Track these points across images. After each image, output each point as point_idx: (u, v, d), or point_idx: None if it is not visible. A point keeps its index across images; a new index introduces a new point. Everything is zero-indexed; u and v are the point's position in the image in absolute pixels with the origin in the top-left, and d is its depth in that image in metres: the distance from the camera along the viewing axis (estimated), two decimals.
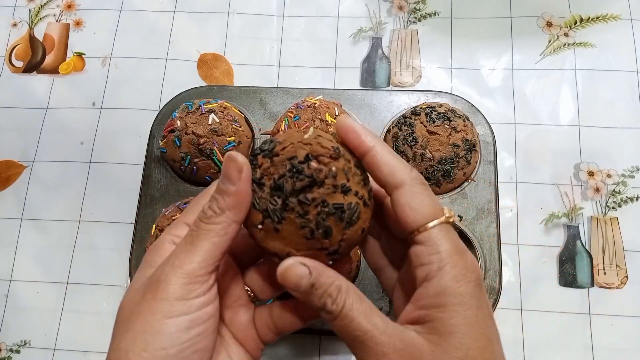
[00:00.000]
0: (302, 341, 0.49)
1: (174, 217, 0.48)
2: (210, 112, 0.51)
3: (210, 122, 0.50)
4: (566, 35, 0.59)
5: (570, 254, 0.51)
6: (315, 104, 0.51)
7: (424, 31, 0.61)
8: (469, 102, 0.55)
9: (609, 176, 0.54)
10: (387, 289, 0.35)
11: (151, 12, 0.63)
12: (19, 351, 0.51)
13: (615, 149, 0.54)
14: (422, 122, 0.50)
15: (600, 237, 0.52)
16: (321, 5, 0.63)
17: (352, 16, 0.62)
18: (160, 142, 0.53)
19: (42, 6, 0.64)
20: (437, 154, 0.49)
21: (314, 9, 0.62)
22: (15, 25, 0.64)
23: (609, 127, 0.55)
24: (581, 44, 0.59)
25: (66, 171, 0.57)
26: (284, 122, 0.51)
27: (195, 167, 0.51)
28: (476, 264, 0.29)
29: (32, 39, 0.63)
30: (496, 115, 0.56)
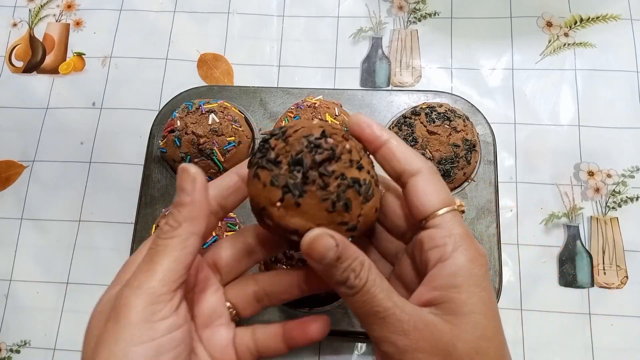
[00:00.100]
0: None
1: None
2: (210, 112, 0.51)
3: (210, 122, 0.50)
4: (566, 35, 0.59)
5: (570, 254, 0.51)
6: (315, 104, 0.51)
7: (424, 31, 0.61)
8: (469, 102, 0.55)
9: (609, 176, 0.54)
10: None
11: (151, 12, 0.63)
12: (19, 351, 0.51)
13: (615, 149, 0.54)
14: (422, 122, 0.50)
15: (600, 237, 0.52)
16: (321, 5, 0.63)
17: (352, 16, 0.62)
18: (160, 142, 0.53)
19: (42, 6, 0.64)
20: (437, 154, 0.49)
21: (314, 9, 0.62)
22: (15, 25, 0.64)
23: (609, 127, 0.55)
24: (581, 44, 0.59)
25: (66, 171, 0.57)
26: (284, 122, 0.51)
27: None
28: (484, 250, 0.30)
29: (32, 39, 0.63)
30: (496, 115, 0.56)
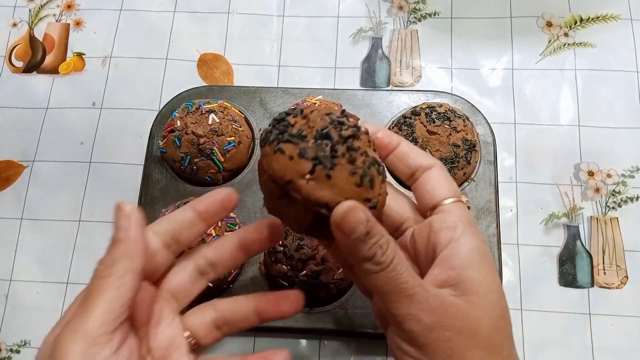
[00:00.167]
0: (302, 341, 0.49)
1: None
2: (210, 112, 0.51)
3: (210, 122, 0.50)
4: (566, 35, 0.59)
5: (570, 254, 0.51)
6: (315, 104, 0.51)
7: (424, 31, 0.61)
8: (469, 102, 0.55)
9: (609, 176, 0.54)
10: (363, 286, 0.35)
11: (151, 12, 0.63)
12: (19, 351, 0.51)
13: (615, 149, 0.54)
14: (422, 122, 0.50)
15: (600, 237, 0.52)
16: (321, 5, 0.63)
17: (352, 16, 0.62)
18: (160, 142, 0.53)
19: (42, 6, 0.64)
20: (437, 154, 0.49)
21: (314, 9, 0.62)
22: (15, 25, 0.64)
23: (609, 127, 0.55)
24: (581, 44, 0.59)
25: (66, 171, 0.57)
26: None
27: (195, 167, 0.51)
28: None
29: (32, 39, 0.63)
30: (496, 115, 0.56)
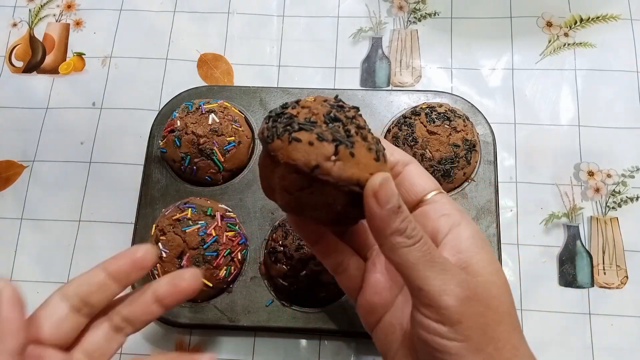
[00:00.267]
0: (302, 341, 0.49)
1: (174, 217, 0.48)
2: (210, 112, 0.51)
3: (210, 122, 0.50)
4: (566, 35, 0.59)
5: (570, 254, 0.51)
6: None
7: (424, 31, 0.61)
8: (469, 102, 0.55)
9: (609, 176, 0.54)
10: (350, 288, 0.35)
11: (151, 12, 0.63)
12: None
13: (615, 149, 0.54)
14: (422, 122, 0.50)
15: (600, 237, 0.52)
16: (321, 5, 0.63)
17: (352, 16, 0.62)
18: (160, 142, 0.53)
19: (42, 6, 0.64)
20: (437, 154, 0.49)
21: (314, 9, 0.62)
22: (15, 25, 0.64)
23: (609, 127, 0.55)
24: (581, 44, 0.59)
25: (66, 171, 0.57)
26: None
27: (195, 167, 0.51)
28: None
29: (32, 39, 0.63)
30: (496, 115, 0.56)
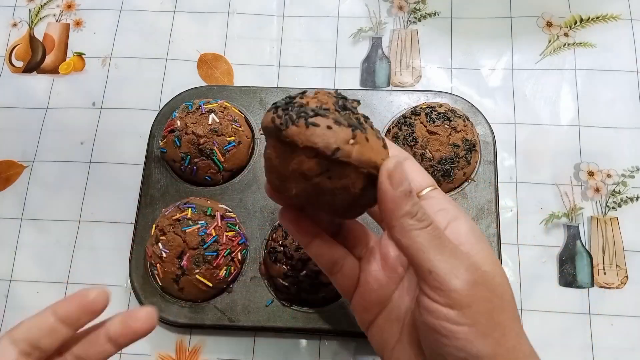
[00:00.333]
0: (302, 341, 0.49)
1: (174, 217, 0.48)
2: (210, 112, 0.51)
3: (210, 122, 0.50)
4: (566, 35, 0.59)
5: (570, 254, 0.51)
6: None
7: (424, 31, 0.61)
8: (469, 102, 0.55)
9: (609, 176, 0.54)
10: (346, 287, 0.35)
11: (151, 12, 0.63)
12: None
13: (615, 149, 0.54)
14: (422, 122, 0.50)
15: (600, 237, 0.52)
16: (321, 5, 0.62)
17: (352, 16, 0.62)
18: (160, 142, 0.53)
19: (42, 6, 0.64)
20: (437, 154, 0.49)
21: (314, 9, 0.62)
22: (15, 25, 0.64)
23: (609, 127, 0.55)
24: (581, 44, 0.59)
25: (66, 171, 0.57)
26: None
27: (195, 167, 0.51)
28: None
29: (32, 39, 0.63)
30: (496, 115, 0.56)
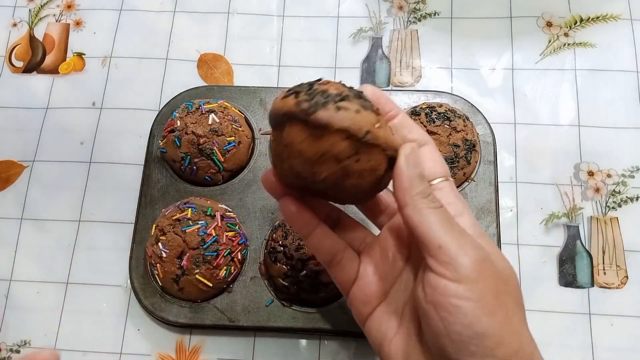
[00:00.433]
0: (302, 341, 0.49)
1: (174, 217, 0.48)
2: (210, 112, 0.51)
3: (210, 122, 0.50)
4: (566, 35, 0.59)
5: (570, 254, 0.51)
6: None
7: (424, 31, 0.61)
8: (469, 102, 0.55)
9: (609, 176, 0.54)
10: (345, 280, 0.35)
11: (151, 12, 0.63)
12: (18, 351, 0.51)
13: (615, 149, 0.54)
14: (422, 122, 0.50)
15: (600, 237, 0.52)
16: (321, 5, 0.63)
17: (352, 16, 0.62)
18: (160, 142, 0.53)
19: (42, 6, 0.64)
20: None
21: (314, 9, 0.62)
22: (15, 25, 0.64)
23: (609, 127, 0.55)
24: (581, 44, 0.59)
25: (66, 171, 0.57)
26: None
27: (195, 167, 0.51)
28: None
29: (32, 39, 0.63)
30: (496, 115, 0.56)
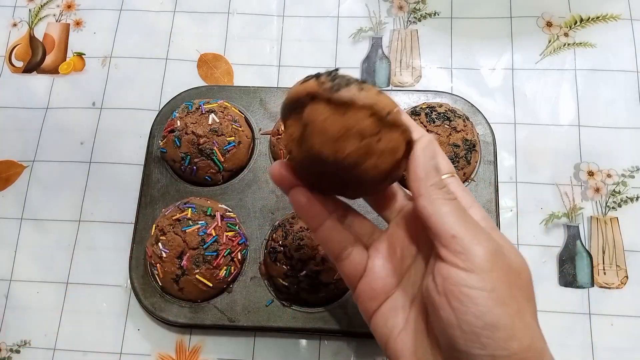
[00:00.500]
0: (302, 341, 0.49)
1: (174, 217, 0.48)
2: (210, 112, 0.51)
3: (210, 122, 0.50)
4: (566, 35, 0.59)
5: (570, 254, 0.51)
6: None
7: (424, 31, 0.61)
8: (469, 102, 0.55)
9: (609, 176, 0.54)
10: (352, 274, 0.35)
11: (151, 12, 0.63)
12: (18, 351, 0.51)
13: (615, 149, 0.54)
14: (422, 122, 0.50)
15: (600, 237, 0.52)
16: (321, 5, 0.63)
17: (352, 16, 0.62)
18: (160, 142, 0.53)
19: (42, 6, 0.64)
20: None
21: (314, 9, 0.62)
22: (15, 25, 0.64)
23: (609, 127, 0.55)
24: (581, 44, 0.59)
25: (66, 171, 0.57)
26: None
27: (195, 167, 0.51)
28: None
29: (32, 39, 0.63)
30: (496, 115, 0.56)
